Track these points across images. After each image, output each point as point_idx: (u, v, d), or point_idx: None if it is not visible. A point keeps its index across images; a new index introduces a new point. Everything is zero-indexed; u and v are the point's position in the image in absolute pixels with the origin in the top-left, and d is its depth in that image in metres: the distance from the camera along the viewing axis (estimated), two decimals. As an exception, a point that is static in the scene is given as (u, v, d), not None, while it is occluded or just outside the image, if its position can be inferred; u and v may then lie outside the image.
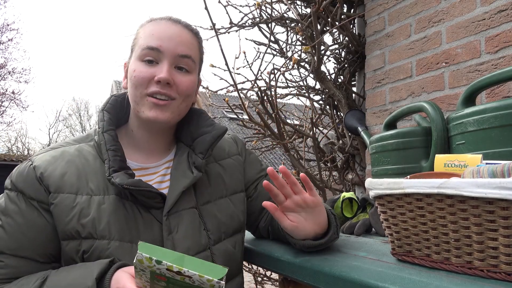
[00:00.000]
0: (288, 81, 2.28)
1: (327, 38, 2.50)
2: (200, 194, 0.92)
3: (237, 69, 2.21)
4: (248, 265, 2.40)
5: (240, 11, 2.16)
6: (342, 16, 1.88)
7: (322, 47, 1.92)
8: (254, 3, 2.03)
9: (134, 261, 0.60)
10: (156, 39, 0.88)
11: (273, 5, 2.04)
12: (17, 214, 0.82)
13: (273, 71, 1.88)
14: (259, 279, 2.53)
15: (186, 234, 0.85)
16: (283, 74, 2.03)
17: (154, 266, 0.59)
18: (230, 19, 2.10)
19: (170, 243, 0.83)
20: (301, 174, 0.81)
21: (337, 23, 1.85)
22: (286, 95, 2.35)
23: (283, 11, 2.11)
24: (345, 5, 1.98)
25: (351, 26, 1.98)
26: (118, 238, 0.81)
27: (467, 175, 0.70)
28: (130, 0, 67.46)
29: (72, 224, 0.81)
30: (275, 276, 2.51)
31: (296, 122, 2.66)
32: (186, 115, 0.96)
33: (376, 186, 0.75)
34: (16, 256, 0.80)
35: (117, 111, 0.96)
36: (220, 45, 1.59)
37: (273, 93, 1.80)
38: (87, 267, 0.76)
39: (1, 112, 16.00)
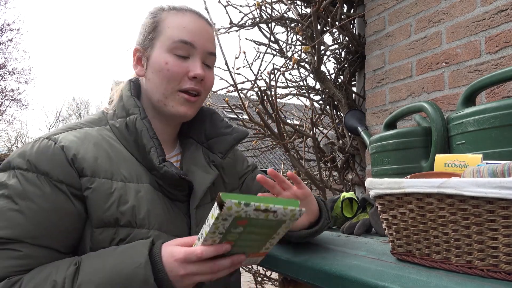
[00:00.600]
0: (288, 81, 2.28)
1: (327, 38, 2.50)
2: (212, 190, 0.94)
3: (237, 69, 2.21)
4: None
5: (240, 11, 2.17)
6: (342, 16, 1.88)
7: (322, 47, 1.92)
8: (254, 3, 2.03)
9: (219, 211, 0.60)
10: (188, 33, 0.86)
11: (273, 5, 2.04)
12: (39, 197, 0.73)
13: (273, 71, 1.88)
14: (259, 279, 2.53)
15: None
16: (283, 74, 2.03)
17: (242, 210, 0.60)
18: (230, 19, 2.10)
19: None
20: (288, 172, 0.83)
21: (337, 23, 1.85)
22: (286, 95, 2.35)
23: (283, 11, 2.11)
24: (345, 5, 1.98)
25: (351, 26, 1.98)
26: (157, 228, 0.80)
27: (467, 174, 0.70)
28: (130, 0, 67.46)
29: (111, 211, 0.77)
30: (275, 276, 2.51)
31: (296, 122, 2.66)
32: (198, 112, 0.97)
33: (376, 185, 0.75)
34: (36, 245, 0.72)
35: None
36: (220, 45, 1.59)
37: (273, 93, 1.80)
38: (131, 247, 0.73)
39: (1, 112, 16.00)
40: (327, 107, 2.17)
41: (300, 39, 2.11)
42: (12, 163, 0.76)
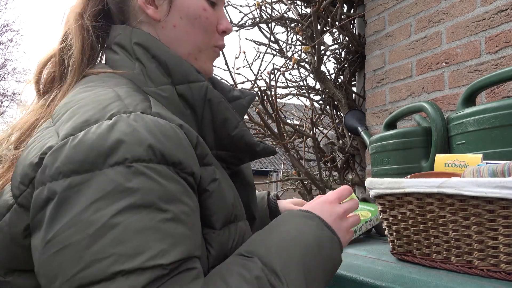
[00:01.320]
0: (288, 81, 2.28)
1: (327, 38, 2.50)
2: None
3: (237, 69, 2.21)
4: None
5: (240, 11, 2.17)
6: (342, 16, 1.88)
7: (322, 47, 1.92)
8: (254, 3, 2.03)
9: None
10: None
11: (273, 5, 2.04)
12: (185, 195, 0.52)
13: (273, 71, 1.88)
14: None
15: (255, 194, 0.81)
16: (283, 74, 2.03)
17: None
18: (230, 19, 2.10)
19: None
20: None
21: (337, 23, 1.85)
22: (286, 95, 2.35)
23: (283, 11, 2.11)
24: (345, 5, 1.98)
25: (351, 26, 1.98)
26: (245, 217, 0.69)
27: (467, 174, 0.70)
28: (130, 0, 67.34)
29: (230, 204, 0.62)
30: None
31: (296, 122, 2.66)
32: None
33: (376, 185, 0.75)
34: (199, 258, 0.53)
35: None
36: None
37: (273, 93, 1.80)
38: (280, 221, 0.62)
39: (1, 112, 16.00)
40: (327, 107, 2.17)
41: (300, 39, 2.11)
42: (115, 155, 0.48)
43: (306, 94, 2.29)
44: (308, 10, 2.04)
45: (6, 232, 0.53)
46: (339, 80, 2.03)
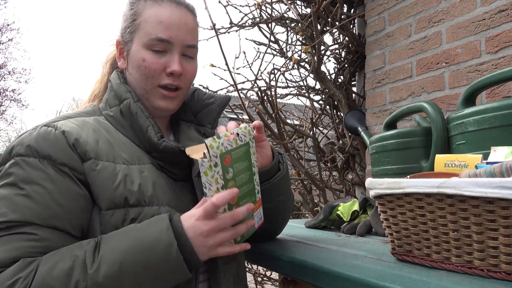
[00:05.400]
0: (288, 81, 2.28)
1: (327, 38, 2.50)
2: None
3: (237, 69, 2.21)
4: (248, 265, 2.40)
5: (240, 11, 2.17)
6: (342, 16, 1.88)
7: (322, 47, 1.92)
8: (254, 3, 2.03)
9: (208, 157, 0.67)
10: (165, 29, 0.85)
11: (273, 5, 2.04)
12: (44, 180, 0.73)
13: (273, 71, 1.89)
14: (259, 279, 2.53)
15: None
16: (283, 74, 2.03)
17: (219, 144, 0.69)
18: (230, 19, 2.10)
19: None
20: (255, 122, 0.86)
21: (337, 23, 1.85)
22: (286, 95, 2.35)
23: (283, 11, 2.11)
24: (345, 5, 1.98)
25: (351, 26, 1.98)
26: (166, 204, 0.81)
27: (464, 177, 0.69)
28: (130, 0, 67.26)
29: (119, 190, 0.77)
30: (275, 276, 2.51)
31: (296, 122, 2.66)
32: None
33: (376, 185, 0.75)
34: (49, 227, 0.71)
35: None
36: (220, 45, 1.59)
37: (273, 93, 1.80)
38: (150, 220, 0.74)
39: (1, 112, 16.00)
40: (327, 107, 2.17)
41: (300, 39, 2.11)
42: (11, 151, 0.75)
43: (306, 94, 2.29)
44: (308, 10, 2.04)
45: None
46: (339, 80, 2.03)
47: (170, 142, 0.84)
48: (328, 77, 1.98)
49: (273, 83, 1.83)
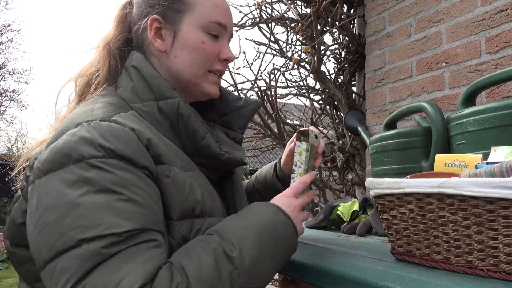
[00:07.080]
0: (288, 81, 2.28)
1: (327, 38, 2.50)
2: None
3: (237, 69, 2.21)
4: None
5: (240, 11, 2.17)
6: (342, 16, 1.88)
7: (322, 47, 1.92)
8: (254, 3, 2.03)
9: (307, 141, 0.83)
10: (222, 14, 0.83)
11: (273, 5, 2.04)
12: (137, 180, 0.63)
13: (273, 71, 1.89)
14: (259, 279, 2.52)
15: (244, 199, 0.96)
16: (283, 74, 2.03)
17: (314, 137, 0.85)
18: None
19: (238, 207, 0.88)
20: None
21: (337, 23, 1.85)
22: (286, 95, 2.35)
23: (283, 11, 2.11)
24: (345, 5, 1.98)
25: (351, 26, 1.98)
26: (221, 214, 0.78)
27: (464, 177, 0.69)
28: (130, 0, 67.40)
29: (190, 200, 0.71)
30: (275, 276, 2.50)
31: (296, 122, 2.66)
32: None
33: (376, 185, 0.75)
34: (159, 231, 0.64)
35: None
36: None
37: (273, 93, 1.80)
38: (245, 211, 0.74)
39: (1, 112, 16.01)
40: (327, 107, 2.17)
41: (300, 39, 2.11)
42: (75, 155, 0.61)
43: (306, 94, 2.29)
44: (308, 10, 2.04)
45: (13, 215, 0.70)
46: (339, 80, 2.03)
47: (233, 154, 0.82)
48: (328, 77, 1.98)
49: (273, 83, 1.83)
